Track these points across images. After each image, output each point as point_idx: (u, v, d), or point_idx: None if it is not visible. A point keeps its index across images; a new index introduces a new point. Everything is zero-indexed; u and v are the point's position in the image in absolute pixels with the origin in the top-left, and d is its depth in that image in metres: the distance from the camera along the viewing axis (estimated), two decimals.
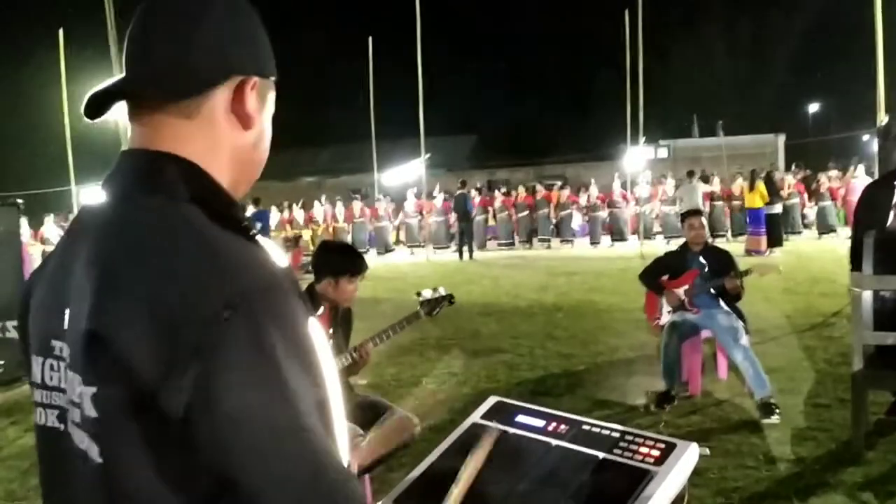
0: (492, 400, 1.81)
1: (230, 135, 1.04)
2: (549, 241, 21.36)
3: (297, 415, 0.89)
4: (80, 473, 0.95)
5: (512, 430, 1.68)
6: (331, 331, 3.79)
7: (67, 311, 0.97)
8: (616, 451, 1.51)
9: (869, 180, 12.73)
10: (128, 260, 0.93)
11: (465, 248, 19.07)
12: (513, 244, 21.81)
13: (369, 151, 22.12)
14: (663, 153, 30.28)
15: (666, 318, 5.69)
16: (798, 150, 32.69)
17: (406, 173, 25.75)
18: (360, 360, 3.73)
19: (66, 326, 0.97)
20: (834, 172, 20.64)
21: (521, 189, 22.38)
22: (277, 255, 1.00)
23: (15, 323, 5.26)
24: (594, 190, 21.53)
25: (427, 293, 4.01)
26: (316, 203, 22.59)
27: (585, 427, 1.61)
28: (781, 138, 30.21)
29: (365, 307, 6.38)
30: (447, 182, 25.55)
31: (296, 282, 0.99)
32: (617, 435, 1.55)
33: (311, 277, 3.85)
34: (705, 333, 5.66)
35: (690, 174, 19.32)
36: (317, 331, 1.01)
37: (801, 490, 3.90)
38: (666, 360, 5.43)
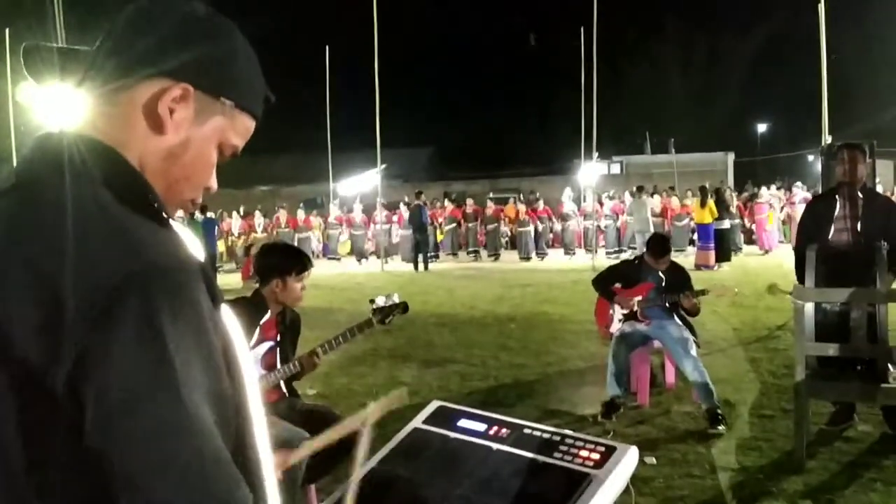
0: (434, 405, 1.80)
1: (143, 132, 1.01)
2: (498, 254, 21.48)
3: (182, 404, 0.86)
4: None
5: (453, 435, 1.66)
6: (278, 337, 3.73)
7: None
8: (556, 454, 1.51)
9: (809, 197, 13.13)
10: (23, 234, 0.90)
11: (420, 260, 19.04)
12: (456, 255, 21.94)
13: (325, 161, 22.01)
14: (616, 169, 30.69)
15: (617, 326, 5.74)
16: (746, 168, 33.47)
17: (362, 183, 25.66)
18: (305, 368, 3.68)
19: None
20: (773, 189, 21.24)
21: (470, 201, 22.63)
22: (191, 243, 0.98)
23: None
24: (541, 204, 21.91)
25: (381, 300, 3.98)
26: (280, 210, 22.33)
27: (527, 431, 1.61)
28: (731, 156, 30.85)
29: (318, 316, 6.32)
30: (403, 193, 25.55)
31: (207, 273, 0.96)
32: (557, 438, 1.55)
33: None
34: (656, 344, 5.72)
35: (640, 189, 19.62)
36: (227, 325, 0.98)
37: (745, 498, 3.96)
38: (614, 369, 5.47)
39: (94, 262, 0.86)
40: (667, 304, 5.57)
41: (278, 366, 3.68)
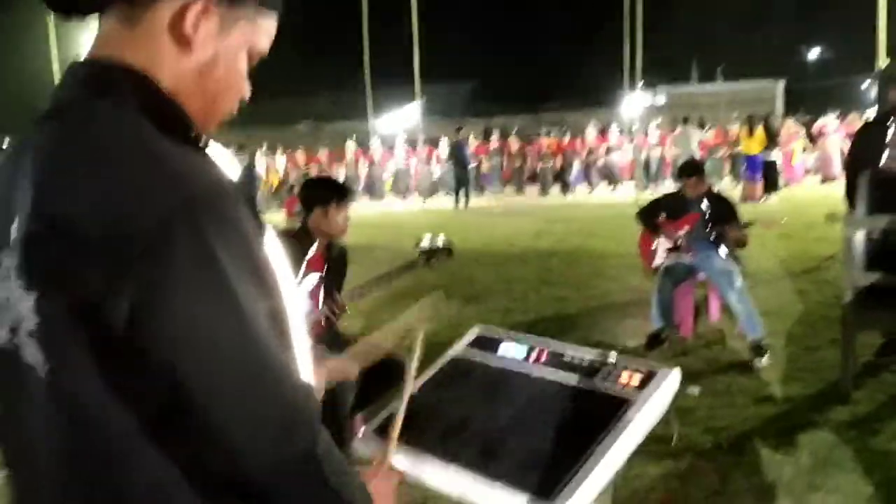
0: (475, 330, 1.81)
1: (170, 54, 0.99)
2: (545, 189, 21.29)
3: (247, 325, 0.88)
4: (32, 389, 0.94)
5: (493, 362, 1.68)
6: (324, 270, 3.78)
7: (16, 222, 0.95)
8: (597, 378, 1.51)
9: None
10: (70, 165, 0.91)
11: (462, 195, 18.96)
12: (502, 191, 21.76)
13: (365, 98, 21.89)
14: (661, 99, 29.95)
15: (661, 259, 5.68)
16: (797, 96, 32.32)
17: (402, 120, 25.51)
18: (338, 312, 3.74)
19: (12, 233, 0.94)
20: (832, 118, 20.45)
21: (514, 138, 22.24)
22: (230, 168, 0.99)
23: None
24: (591, 134, 21.41)
25: (426, 242, 4.00)
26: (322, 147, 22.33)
27: (568, 355, 1.61)
28: (781, 84, 29.83)
29: (361, 253, 6.40)
30: (444, 129, 25.35)
31: (250, 197, 0.97)
32: (598, 362, 1.55)
33: None
34: (701, 276, 5.66)
35: (685, 120, 19.13)
36: (272, 245, 0.99)
37: (789, 428, 3.94)
38: (659, 302, 5.44)
39: (139, 193, 0.87)
40: (712, 236, 5.48)
41: (325, 300, 3.74)
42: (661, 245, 5.71)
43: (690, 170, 5.80)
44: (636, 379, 1.46)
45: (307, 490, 0.94)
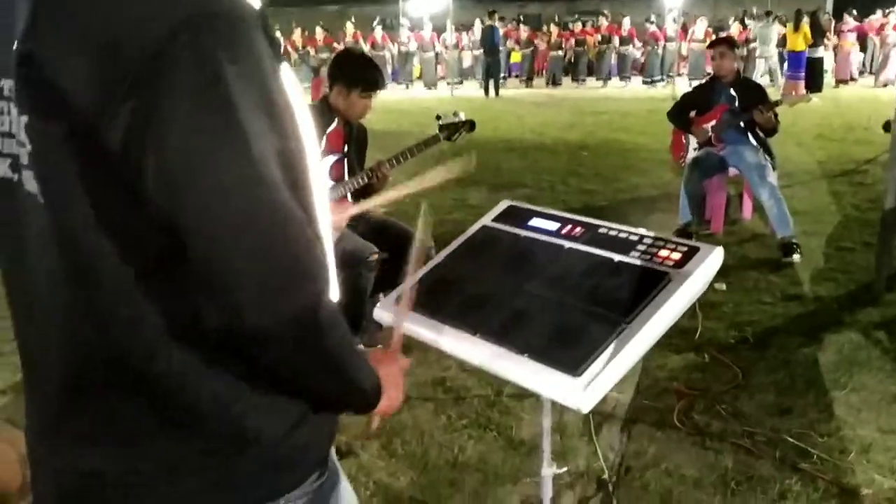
0: (504, 204, 1.72)
1: None
2: (580, 80, 20.69)
3: (252, 161, 0.79)
4: (32, 220, 0.88)
5: (523, 233, 1.59)
6: (345, 148, 3.67)
7: (15, 44, 0.86)
8: (633, 253, 1.42)
9: None
10: None
11: (492, 84, 18.45)
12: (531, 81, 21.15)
13: None
14: None
15: (692, 155, 5.49)
16: None
17: (432, 3, 24.62)
18: (378, 182, 3.60)
19: (12, 61, 0.86)
20: (879, 15, 19.38)
21: (554, 28, 21.38)
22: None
23: None
24: (627, 24, 20.61)
25: (447, 116, 3.86)
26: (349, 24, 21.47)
27: (602, 230, 1.52)
28: None
29: (387, 140, 6.27)
30: (476, 14, 24.46)
31: (267, 22, 0.86)
32: (636, 238, 1.46)
33: None
34: (732, 172, 5.48)
35: (767, 14, 18.16)
36: (289, 80, 0.89)
37: (816, 327, 3.87)
38: (687, 195, 5.30)
39: (147, 7, 0.78)
40: (741, 125, 5.24)
41: (346, 178, 3.64)
42: (692, 141, 5.50)
43: (723, 39, 5.57)
44: (677, 255, 1.37)
45: (305, 351, 0.87)
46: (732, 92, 5.28)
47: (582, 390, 1.18)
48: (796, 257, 4.84)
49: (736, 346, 3.65)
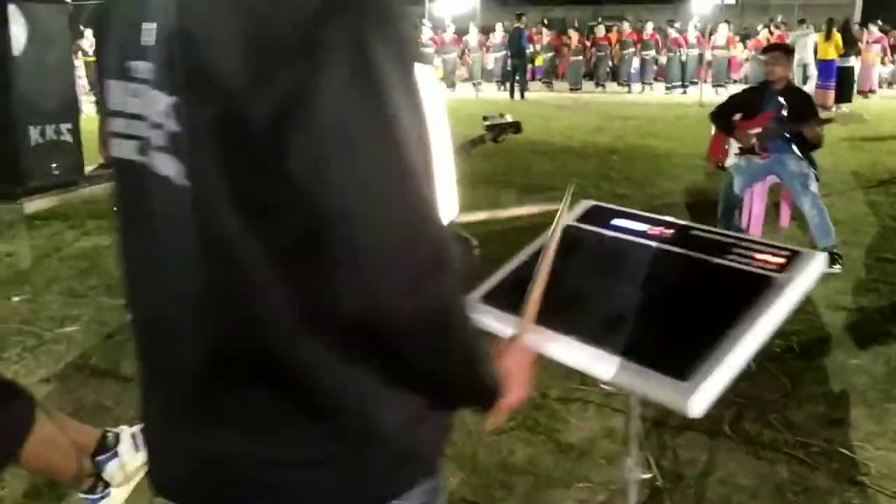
0: (587, 204, 1.69)
1: None
2: (603, 84, 20.61)
3: (401, 148, 0.77)
4: (165, 203, 0.86)
5: (609, 233, 1.56)
6: None
7: (145, 26, 0.85)
8: (730, 256, 1.39)
9: None
10: None
11: (517, 87, 18.40)
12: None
13: None
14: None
15: (733, 160, 5.43)
16: (876, 4, 30.36)
17: (458, 4, 24.65)
18: None
19: (145, 42, 0.85)
20: None
21: (574, 34, 21.31)
22: None
23: (69, 126, 5.21)
24: (649, 29, 20.54)
25: (493, 117, 3.83)
26: None
27: (694, 232, 1.48)
28: None
29: None
30: (501, 17, 24.45)
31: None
32: (731, 241, 1.43)
33: None
34: (771, 180, 5.42)
35: (801, 22, 18.04)
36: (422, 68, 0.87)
37: (862, 338, 3.82)
38: (726, 202, 5.24)
39: None
40: (787, 134, 5.18)
41: None
42: (733, 145, 5.43)
43: (779, 45, 5.49)
44: (778, 259, 1.34)
45: (439, 340, 0.85)
46: (782, 100, 5.19)
47: (692, 394, 1.15)
48: (837, 268, 4.78)
49: (782, 356, 3.60)
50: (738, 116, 5.41)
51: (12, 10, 4.69)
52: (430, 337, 0.83)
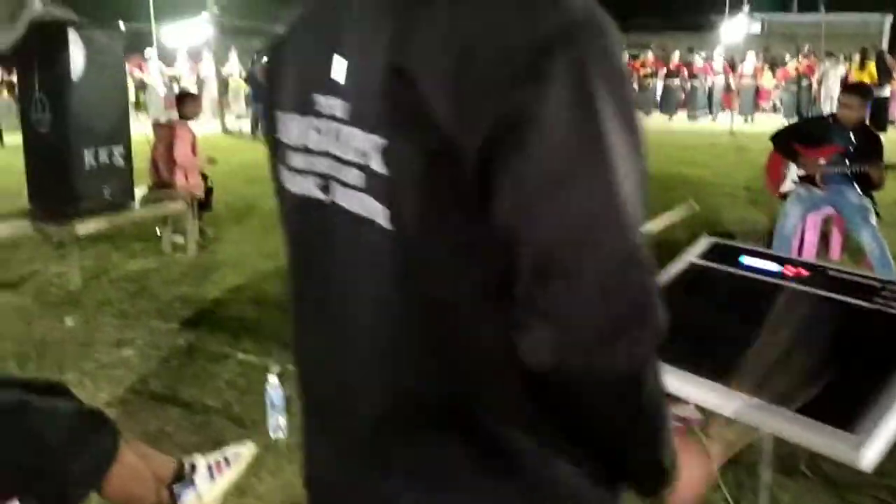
0: (707, 241, 1.65)
1: None
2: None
3: (615, 189, 0.72)
4: (354, 243, 0.83)
5: (739, 272, 1.52)
6: None
7: (336, 61, 0.82)
8: (878, 300, 1.34)
9: None
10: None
11: None
12: None
13: None
14: (756, 28, 28.40)
15: (790, 186, 5.37)
16: None
17: None
18: None
19: (336, 76, 0.82)
20: None
21: None
22: None
23: (121, 149, 5.26)
24: (675, 58, 20.57)
25: None
26: None
27: (832, 273, 1.44)
28: (888, 19, 27.91)
29: None
30: None
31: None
32: (875, 283, 1.38)
33: None
34: (827, 210, 5.36)
35: (829, 55, 18.05)
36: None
37: None
38: (783, 231, 5.19)
39: (514, 16, 0.73)
40: (851, 172, 5.11)
41: None
42: (792, 172, 5.37)
43: (859, 89, 5.41)
44: None
45: (625, 402, 0.78)
46: (852, 137, 5.12)
47: (863, 447, 1.10)
48: None
49: None
50: (798, 144, 5.34)
51: (72, 34, 4.76)
52: (618, 395, 0.78)
